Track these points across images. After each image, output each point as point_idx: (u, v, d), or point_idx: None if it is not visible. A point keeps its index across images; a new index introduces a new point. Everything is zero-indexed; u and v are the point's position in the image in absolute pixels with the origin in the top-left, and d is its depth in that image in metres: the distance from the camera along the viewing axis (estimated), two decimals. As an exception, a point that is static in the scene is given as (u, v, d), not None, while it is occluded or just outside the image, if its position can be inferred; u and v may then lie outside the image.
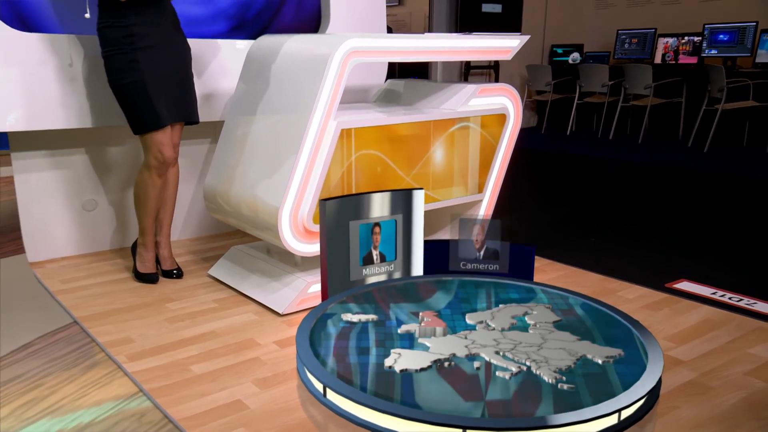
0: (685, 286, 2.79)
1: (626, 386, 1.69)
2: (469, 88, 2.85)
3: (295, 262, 2.62)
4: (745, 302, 2.59)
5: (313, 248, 2.43)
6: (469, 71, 7.99)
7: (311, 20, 3.64)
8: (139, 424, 1.71)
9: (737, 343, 2.20)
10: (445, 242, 2.56)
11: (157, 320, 2.38)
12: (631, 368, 1.79)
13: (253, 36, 2.98)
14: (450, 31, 7.72)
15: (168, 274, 2.81)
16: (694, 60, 7.12)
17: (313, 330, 2.00)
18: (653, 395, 1.76)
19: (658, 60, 7.45)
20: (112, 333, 2.27)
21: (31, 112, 2.70)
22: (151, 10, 2.49)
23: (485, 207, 3.02)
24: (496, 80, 8.05)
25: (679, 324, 2.37)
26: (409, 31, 9.93)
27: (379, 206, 2.39)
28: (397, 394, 1.65)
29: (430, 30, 7.97)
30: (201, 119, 2.79)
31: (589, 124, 8.16)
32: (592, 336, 1.99)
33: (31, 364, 2.05)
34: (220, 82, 3.15)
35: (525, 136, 7.79)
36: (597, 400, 1.62)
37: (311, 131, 2.31)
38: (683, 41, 7.23)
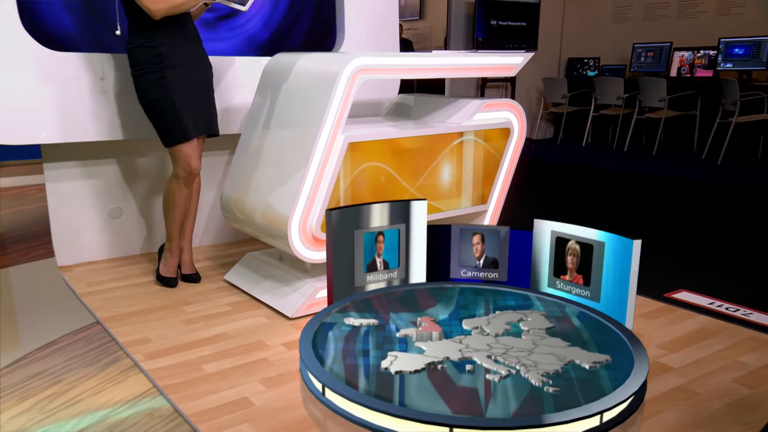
0: (683, 296, 2.85)
1: (610, 390, 1.77)
2: (474, 103, 2.96)
3: (305, 269, 2.74)
4: (742, 312, 2.66)
5: (321, 255, 2.54)
6: (485, 84, 8.09)
7: (326, 38, 3.79)
8: (151, 418, 1.84)
9: (728, 352, 2.27)
10: (447, 227, 2.67)
11: (174, 322, 2.52)
12: (616, 373, 1.87)
13: (270, 53, 3.13)
14: (467, 44, 7.84)
15: (187, 278, 2.96)
16: (709, 73, 7.14)
17: (316, 333, 2.12)
18: (637, 399, 1.84)
19: (673, 73, 7.48)
20: (131, 333, 2.41)
21: (65, 126, 2.87)
22: (178, 30, 2.64)
23: (489, 218, 3.13)
24: (512, 93, 8.13)
25: (674, 332, 2.44)
26: (429, 44, 10.08)
27: (383, 216, 2.51)
28: (392, 394, 1.76)
29: (447, 43, 8.11)
30: (220, 132, 2.94)
31: (605, 136, 8.21)
32: (582, 342, 2.07)
33: (55, 360, 2.19)
34: (238, 96, 3.30)
35: (541, 147, 7.86)
36: (582, 403, 1.71)
37: (320, 144, 2.44)
38: (698, 55, 7.26)
